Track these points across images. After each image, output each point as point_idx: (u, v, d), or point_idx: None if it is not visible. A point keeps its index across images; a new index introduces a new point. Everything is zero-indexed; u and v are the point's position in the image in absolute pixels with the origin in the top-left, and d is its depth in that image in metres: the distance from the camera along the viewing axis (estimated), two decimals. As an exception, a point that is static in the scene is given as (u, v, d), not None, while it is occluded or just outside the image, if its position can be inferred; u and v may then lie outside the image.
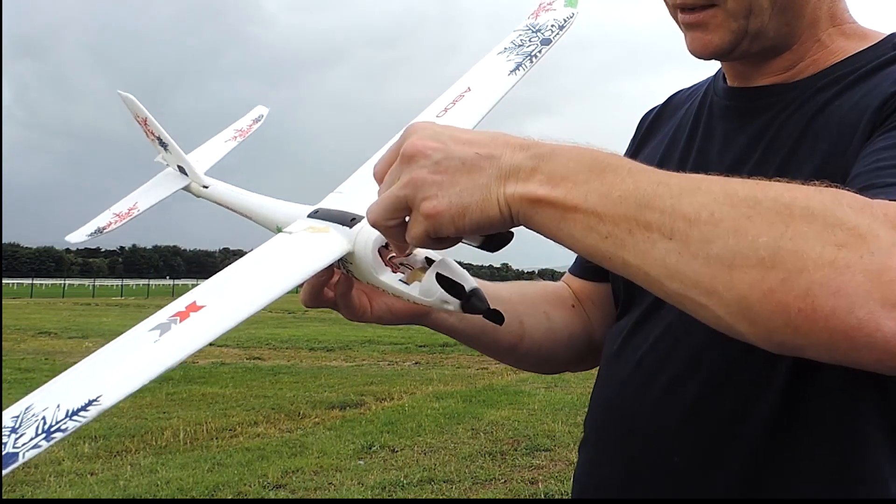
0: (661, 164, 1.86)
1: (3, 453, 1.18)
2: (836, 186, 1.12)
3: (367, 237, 1.54)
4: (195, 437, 12.49)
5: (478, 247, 1.37)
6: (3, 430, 1.23)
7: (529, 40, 1.99)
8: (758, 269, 1.04)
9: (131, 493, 9.43)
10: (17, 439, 1.22)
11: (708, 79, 2.00)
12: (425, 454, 11.32)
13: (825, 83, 1.66)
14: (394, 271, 1.56)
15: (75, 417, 1.23)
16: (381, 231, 1.39)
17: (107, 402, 1.26)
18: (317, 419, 14.07)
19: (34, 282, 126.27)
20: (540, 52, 1.95)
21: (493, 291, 1.85)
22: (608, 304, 2.05)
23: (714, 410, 1.61)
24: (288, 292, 1.52)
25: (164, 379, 18.23)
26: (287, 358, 23.49)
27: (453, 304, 1.47)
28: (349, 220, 1.60)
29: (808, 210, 1.05)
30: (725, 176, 1.27)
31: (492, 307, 1.50)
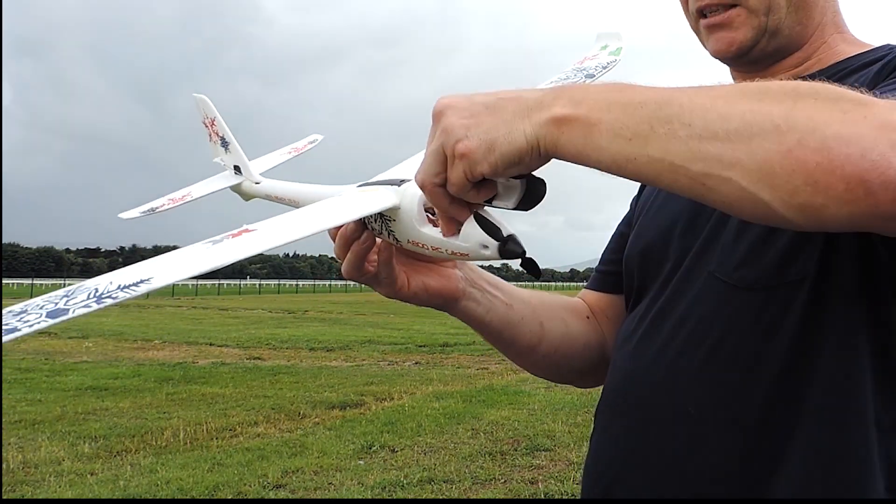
0: None
1: (54, 308, 1.28)
2: None
3: (413, 192, 1.61)
4: (195, 437, 12.49)
5: (514, 208, 1.46)
6: (56, 295, 1.35)
7: (574, 76, 2.08)
8: (775, 134, 1.13)
9: (131, 493, 9.43)
10: (68, 301, 1.31)
11: None
12: (425, 454, 11.32)
13: (830, 76, 1.70)
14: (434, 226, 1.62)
15: (126, 290, 1.33)
16: (428, 195, 1.49)
17: (156, 283, 1.36)
18: (317, 419, 14.07)
19: (34, 282, 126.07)
20: (583, 82, 2.01)
21: (517, 292, 2.02)
22: (621, 319, 2.09)
23: (728, 360, 1.64)
24: (333, 227, 1.67)
25: (164, 379, 18.31)
26: (287, 358, 23.49)
27: (492, 247, 1.51)
28: (398, 182, 1.67)
29: (812, 90, 1.17)
30: None
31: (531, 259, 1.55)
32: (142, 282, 1.36)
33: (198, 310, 51.95)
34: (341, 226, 1.71)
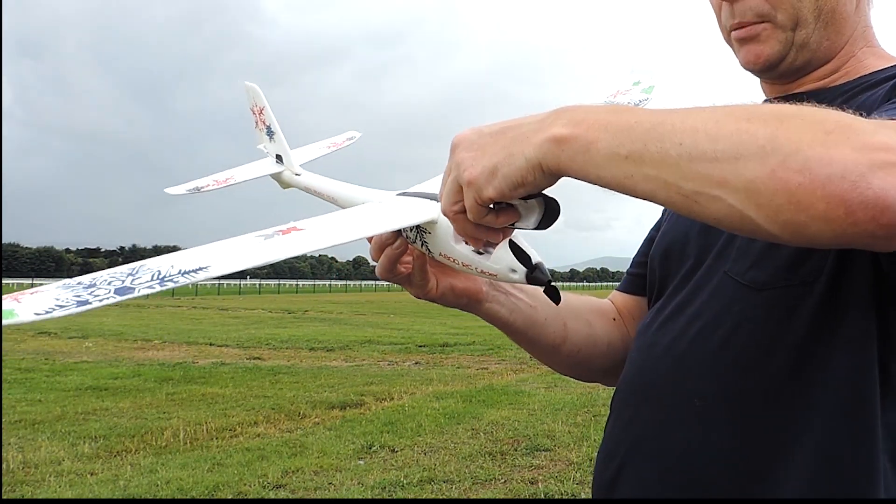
0: None
1: (122, 286, 1.36)
2: None
3: None
4: (195, 437, 12.49)
5: (534, 228, 1.54)
6: (121, 272, 1.43)
7: None
8: (759, 155, 1.17)
9: (131, 493, 9.42)
10: (133, 280, 1.39)
11: None
12: (425, 454, 11.32)
13: (850, 88, 1.80)
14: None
15: (186, 275, 1.41)
16: (452, 222, 1.55)
17: (214, 271, 1.44)
18: (317, 419, 14.06)
19: (34, 282, 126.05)
20: None
21: (540, 293, 1.97)
22: None
23: (735, 356, 1.68)
24: (376, 233, 1.77)
25: (164, 379, 18.32)
26: (287, 358, 23.48)
27: (520, 272, 1.61)
28: (437, 197, 1.69)
29: (797, 112, 1.21)
30: None
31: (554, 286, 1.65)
32: (200, 269, 1.44)
33: (198, 310, 51.99)
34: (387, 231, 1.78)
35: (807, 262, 1.61)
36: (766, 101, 1.97)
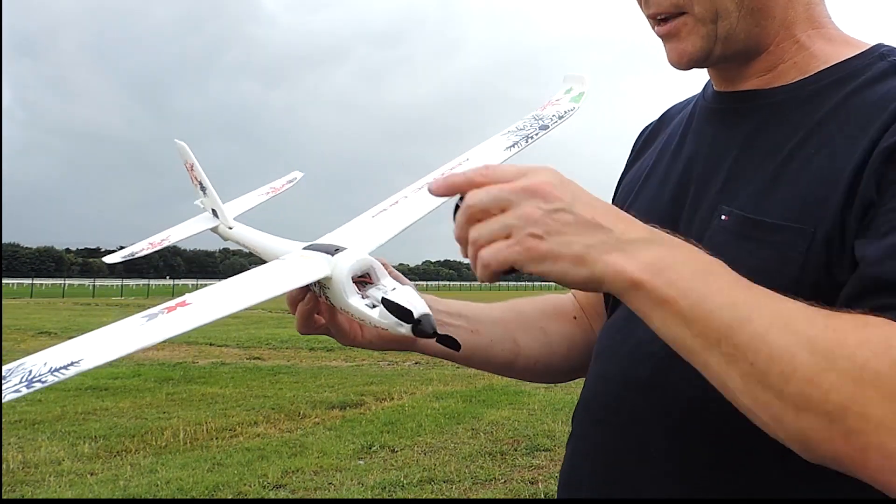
0: (653, 169, 1.95)
1: None
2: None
3: (343, 264, 1.68)
4: (195, 437, 12.49)
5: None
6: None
7: (531, 125, 2.12)
8: (824, 418, 1.14)
9: (131, 493, 9.42)
10: (4, 385, 1.40)
11: (697, 93, 2.01)
12: (425, 454, 11.32)
13: (810, 91, 1.66)
14: (363, 298, 1.67)
15: (56, 373, 1.39)
16: (461, 211, 1.37)
17: (85, 365, 1.40)
18: (317, 419, 14.06)
19: (34, 282, 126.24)
20: (536, 134, 2.07)
21: (485, 314, 2.06)
22: None
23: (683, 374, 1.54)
24: (267, 300, 1.67)
25: (165, 379, 18.30)
26: (287, 358, 23.48)
27: (405, 327, 1.56)
28: (333, 250, 1.72)
29: (877, 374, 1.12)
30: (724, 188, 1.64)
31: (444, 333, 1.61)
32: (72, 364, 1.41)
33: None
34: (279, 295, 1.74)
35: (781, 275, 1.50)
36: (713, 92, 1.85)
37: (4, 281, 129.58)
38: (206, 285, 1.83)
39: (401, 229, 1.89)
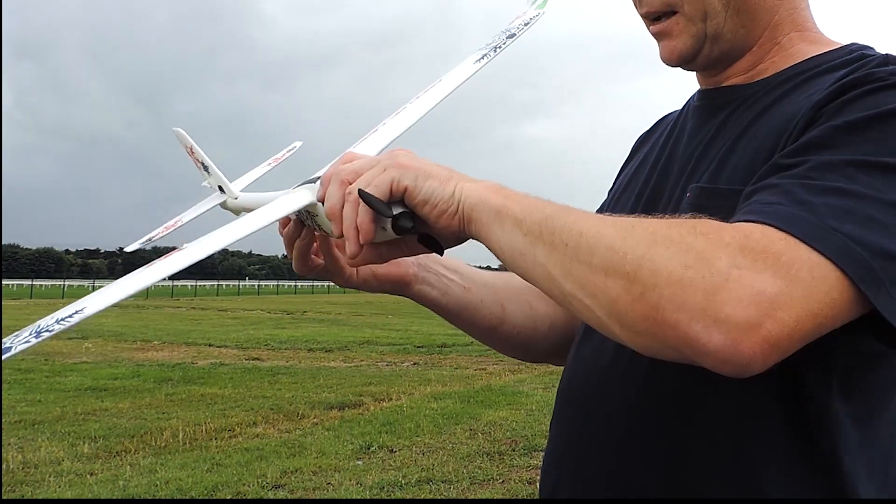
0: (639, 169, 2.02)
1: (6, 345, 1.42)
2: (707, 216, 1.35)
3: None
4: (194, 438, 12.49)
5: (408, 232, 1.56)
6: (9, 333, 1.47)
7: (499, 37, 2.18)
8: (624, 280, 1.27)
9: (131, 493, 9.42)
10: (14, 339, 1.45)
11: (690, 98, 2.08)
12: (423, 454, 11.32)
13: (778, 82, 1.72)
14: None
15: (61, 321, 1.45)
16: (332, 183, 1.59)
17: (89, 311, 1.46)
18: (315, 419, 14.06)
19: (34, 283, 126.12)
20: (504, 43, 2.14)
21: (478, 275, 2.12)
22: None
23: (665, 374, 1.61)
24: (255, 231, 1.71)
25: (164, 380, 18.31)
26: (286, 359, 23.48)
27: (388, 227, 1.57)
28: (315, 179, 1.73)
29: (667, 237, 1.27)
30: (693, 170, 1.73)
31: (429, 235, 1.61)
32: (76, 313, 1.47)
33: (197, 310, 52.00)
34: (265, 227, 1.77)
35: None
36: (698, 91, 1.93)
37: (4, 282, 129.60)
38: (205, 286, 1.83)
39: (387, 143, 1.94)
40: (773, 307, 1.18)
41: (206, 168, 2.73)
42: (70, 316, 1.46)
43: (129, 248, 2.94)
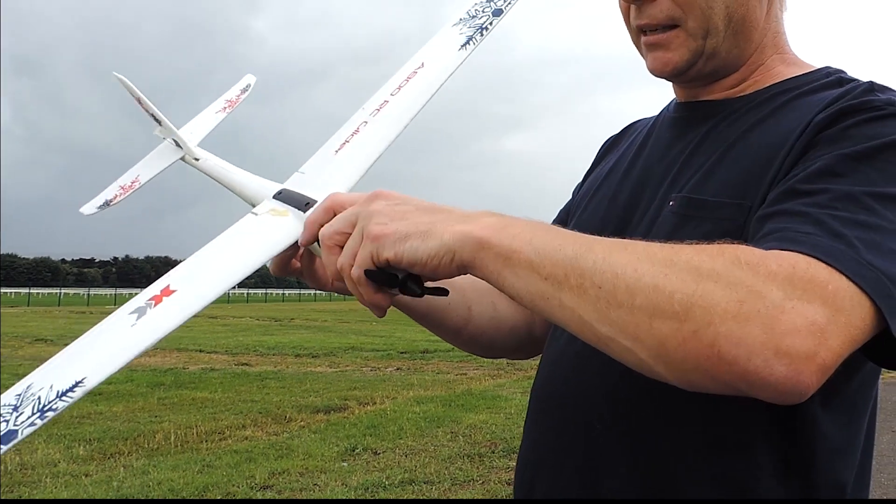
0: (610, 173, 1.99)
1: (5, 431, 1.33)
2: (739, 242, 1.28)
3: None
4: (185, 440, 12.45)
5: (418, 295, 1.49)
6: (7, 407, 1.36)
7: (482, 11, 2.07)
8: (673, 320, 1.18)
9: (124, 493, 9.40)
10: (17, 417, 1.35)
11: (663, 109, 2.07)
12: (406, 456, 11.31)
13: (762, 99, 1.74)
14: None
15: (64, 398, 1.35)
16: (323, 251, 1.53)
17: (90, 383, 1.37)
18: (302, 423, 14.02)
19: (31, 291, 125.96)
20: (491, 23, 2.03)
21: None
22: None
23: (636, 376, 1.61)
24: (250, 273, 1.67)
25: (156, 384, 18.25)
26: (274, 364, 23.42)
27: (394, 290, 1.53)
28: (304, 206, 1.72)
29: (713, 271, 1.20)
30: (674, 180, 1.70)
31: (436, 286, 1.57)
32: (77, 385, 1.37)
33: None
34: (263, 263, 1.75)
35: None
36: (676, 103, 1.93)
37: (3, 290, 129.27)
38: None
39: (368, 165, 1.88)
40: (825, 336, 1.17)
41: (157, 120, 2.57)
42: (72, 389, 1.37)
43: (85, 211, 2.63)
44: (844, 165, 1.41)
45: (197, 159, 2.44)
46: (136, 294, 1.59)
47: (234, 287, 1.65)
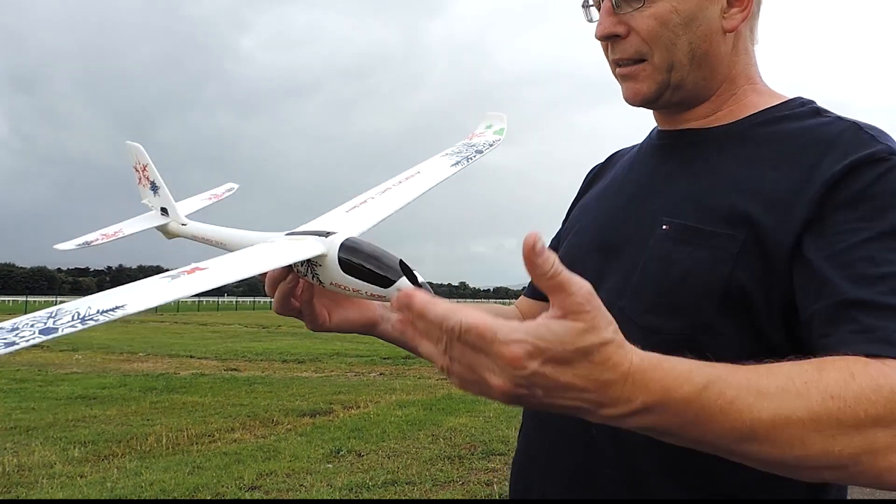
0: (599, 198, 2.05)
1: (45, 327, 1.40)
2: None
3: (338, 243, 1.77)
4: (177, 443, 12.42)
5: None
6: (42, 316, 1.45)
7: (466, 149, 2.29)
8: (839, 469, 1.21)
9: (118, 494, 9.37)
10: (55, 321, 1.43)
11: (644, 138, 2.11)
12: (389, 458, 11.28)
13: (740, 130, 1.79)
14: None
15: (105, 314, 1.45)
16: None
17: (130, 308, 1.49)
18: (289, 426, 13.99)
19: (28, 299, 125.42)
20: (475, 156, 2.23)
21: None
22: None
23: None
24: (274, 268, 1.82)
25: (149, 389, 18.20)
26: (262, 369, 23.36)
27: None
28: (325, 233, 1.80)
29: (876, 418, 1.20)
30: (665, 204, 1.74)
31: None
32: (118, 307, 1.48)
33: (179, 325, 51.68)
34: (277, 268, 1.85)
35: (700, 313, 1.60)
36: (658, 130, 1.98)
37: (1, 298, 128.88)
38: (186, 301, 1.87)
39: (377, 221, 1.97)
40: None
41: (154, 188, 2.68)
42: (113, 310, 1.47)
43: (61, 247, 2.74)
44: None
45: (184, 224, 2.58)
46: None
47: (237, 285, 1.73)
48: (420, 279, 1.70)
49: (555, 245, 2.17)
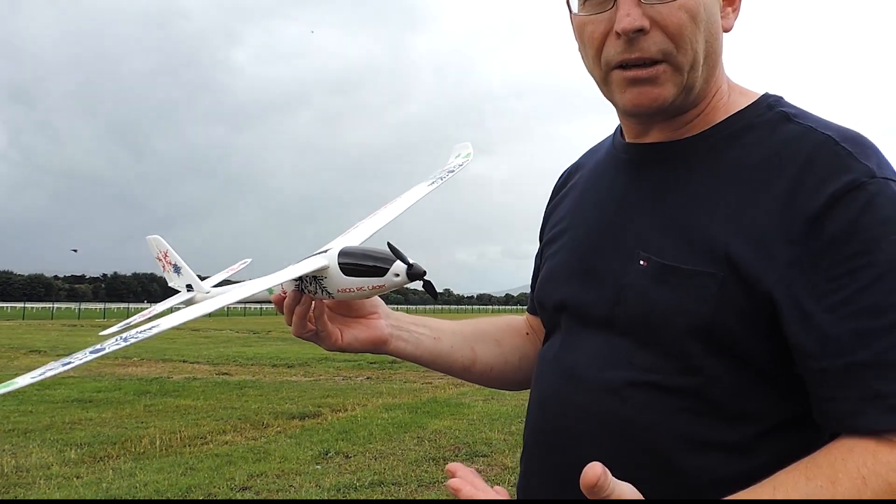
0: (570, 216, 1.97)
1: (94, 348, 1.62)
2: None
3: (335, 252, 1.84)
4: (170, 445, 12.38)
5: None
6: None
7: (441, 172, 2.36)
8: None
9: (113, 494, 9.35)
10: (103, 342, 1.66)
11: (607, 137, 2.03)
12: (376, 459, 11.25)
13: (713, 142, 1.69)
14: None
15: (143, 333, 1.67)
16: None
17: (164, 326, 1.71)
18: (279, 428, 13.96)
19: (26, 305, 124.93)
20: (447, 175, 2.30)
21: (445, 325, 2.16)
22: None
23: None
24: (281, 282, 1.92)
25: (143, 392, 18.16)
26: (252, 373, 23.30)
27: (402, 272, 1.75)
28: (324, 250, 1.87)
29: None
30: (640, 236, 1.66)
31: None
32: (153, 327, 1.70)
33: (172, 330, 51.47)
34: (285, 291, 1.95)
35: (696, 314, 1.53)
36: (624, 143, 1.86)
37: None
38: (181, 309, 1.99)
39: (368, 236, 2.03)
40: None
41: (177, 269, 2.91)
42: (150, 329, 1.69)
43: (104, 333, 2.86)
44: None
45: (207, 293, 2.76)
46: (124, 308, 1.74)
47: (260, 291, 1.92)
48: (411, 260, 1.76)
49: (538, 264, 2.12)
